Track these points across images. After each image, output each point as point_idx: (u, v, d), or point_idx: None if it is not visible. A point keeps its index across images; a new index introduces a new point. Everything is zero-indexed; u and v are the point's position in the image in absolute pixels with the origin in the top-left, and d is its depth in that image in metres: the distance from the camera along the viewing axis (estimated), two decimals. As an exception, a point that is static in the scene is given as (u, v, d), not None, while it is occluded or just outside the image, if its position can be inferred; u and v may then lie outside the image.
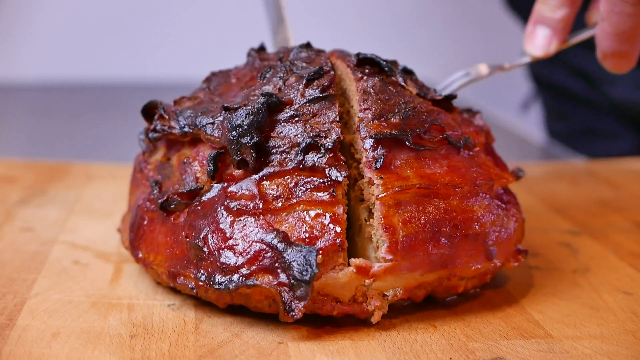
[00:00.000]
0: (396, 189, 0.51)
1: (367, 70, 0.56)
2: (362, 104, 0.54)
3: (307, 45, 0.59)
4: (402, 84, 0.56)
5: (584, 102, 1.09)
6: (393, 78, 0.56)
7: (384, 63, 0.56)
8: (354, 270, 0.50)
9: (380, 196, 0.51)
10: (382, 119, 0.53)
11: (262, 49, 0.63)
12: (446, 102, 0.57)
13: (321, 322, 0.51)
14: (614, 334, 0.51)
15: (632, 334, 0.51)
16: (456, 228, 0.52)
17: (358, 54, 0.57)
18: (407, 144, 0.52)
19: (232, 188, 0.52)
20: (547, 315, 0.53)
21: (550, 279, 0.60)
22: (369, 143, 0.52)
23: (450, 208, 0.52)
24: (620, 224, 0.73)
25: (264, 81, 0.56)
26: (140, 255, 0.55)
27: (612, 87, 1.03)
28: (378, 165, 0.51)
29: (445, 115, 0.56)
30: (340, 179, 0.51)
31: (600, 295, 0.57)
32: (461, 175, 0.54)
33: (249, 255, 0.49)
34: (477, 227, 0.53)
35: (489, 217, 0.54)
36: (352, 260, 0.50)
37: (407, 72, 0.58)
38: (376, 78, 0.55)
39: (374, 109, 0.54)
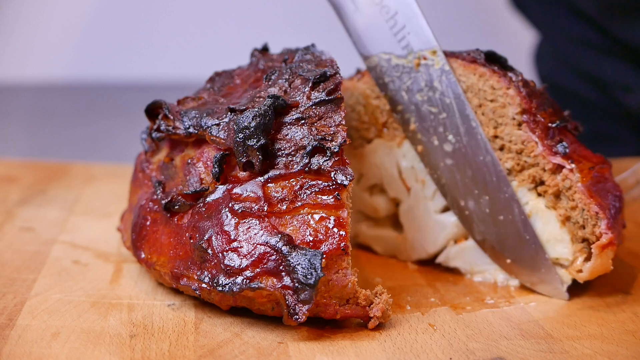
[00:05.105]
0: (590, 169, 0.55)
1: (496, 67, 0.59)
2: (519, 98, 0.57)
3: (311, 47, 0.59)
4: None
5: (592, 106, 1.09)
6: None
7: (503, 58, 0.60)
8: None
9: (579, 180, 0.54)
10: (542, 111, 0.57)
11: (265, 49, 0.63)
12: None
13: (321, 322, 0.51)
14: (614, 334, 0.51)
15: (632, 334, 0.51)
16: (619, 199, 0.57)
17: (478, 50, 0.60)
18: (569, 131, 0.57)
19: (237, 190, 0.52)
20: (547, 315, 0.53)
21: (550, 279, 0.60)
22: (548, 133, 0.56)
23: (611, 181, 0.57)
24: (620, 224, 0.73)
25: (269, 83, 0.56)
26: (143, 255, 0.55)
27: (627, 94, 1.02)
28: (564, 152, 0.55)
29: None
30: (345, 182, 0.50)
31: (600, 295, 0.57)
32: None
33: (253, 258, 0.49)
34: None
35: None
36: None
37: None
38: (515, 74, 0.58)
39: (534, 101, 0.57)
